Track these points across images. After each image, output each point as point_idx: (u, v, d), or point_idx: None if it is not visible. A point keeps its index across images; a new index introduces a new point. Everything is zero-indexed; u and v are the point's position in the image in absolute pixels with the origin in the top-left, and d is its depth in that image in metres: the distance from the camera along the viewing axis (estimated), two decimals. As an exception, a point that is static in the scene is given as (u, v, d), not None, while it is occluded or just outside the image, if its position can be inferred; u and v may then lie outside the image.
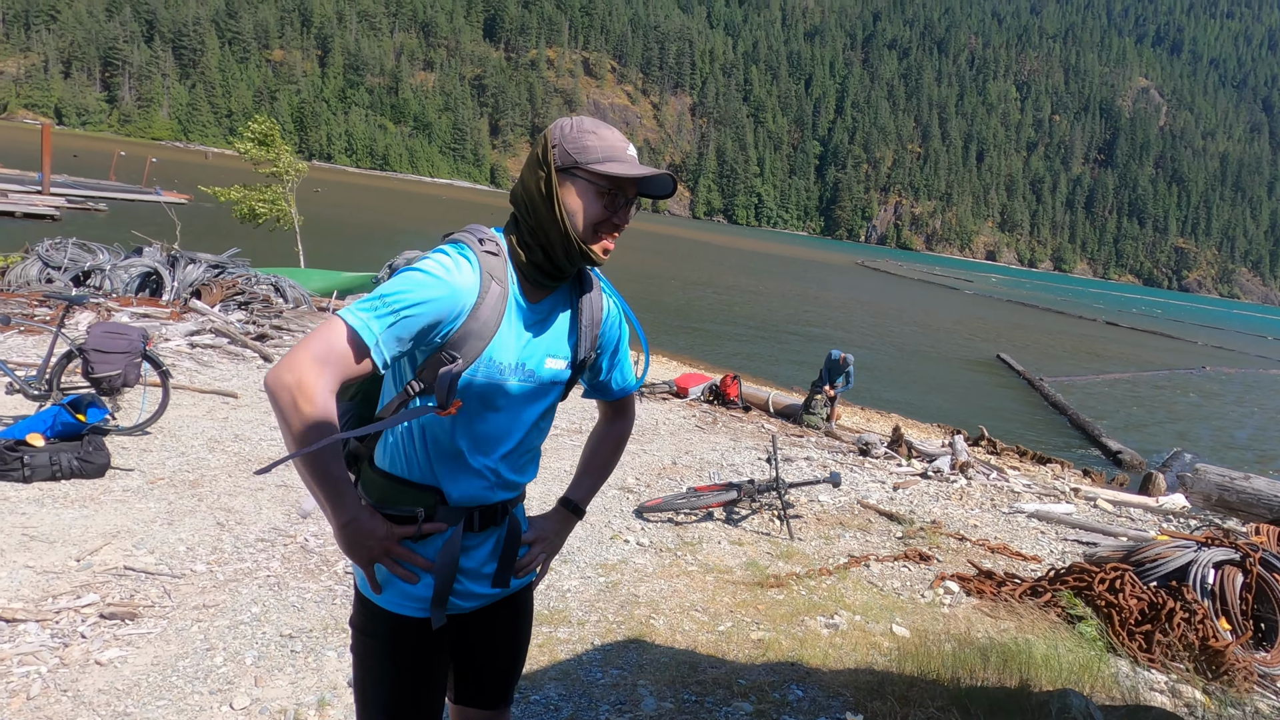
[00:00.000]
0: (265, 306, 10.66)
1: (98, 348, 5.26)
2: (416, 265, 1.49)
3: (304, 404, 1.39)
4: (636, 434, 8.95)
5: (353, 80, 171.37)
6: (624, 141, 1.58)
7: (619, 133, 1.60)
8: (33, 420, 4.93)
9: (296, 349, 1.42)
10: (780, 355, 21.54)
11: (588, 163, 1.54)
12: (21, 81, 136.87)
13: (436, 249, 1.54)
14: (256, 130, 20.05)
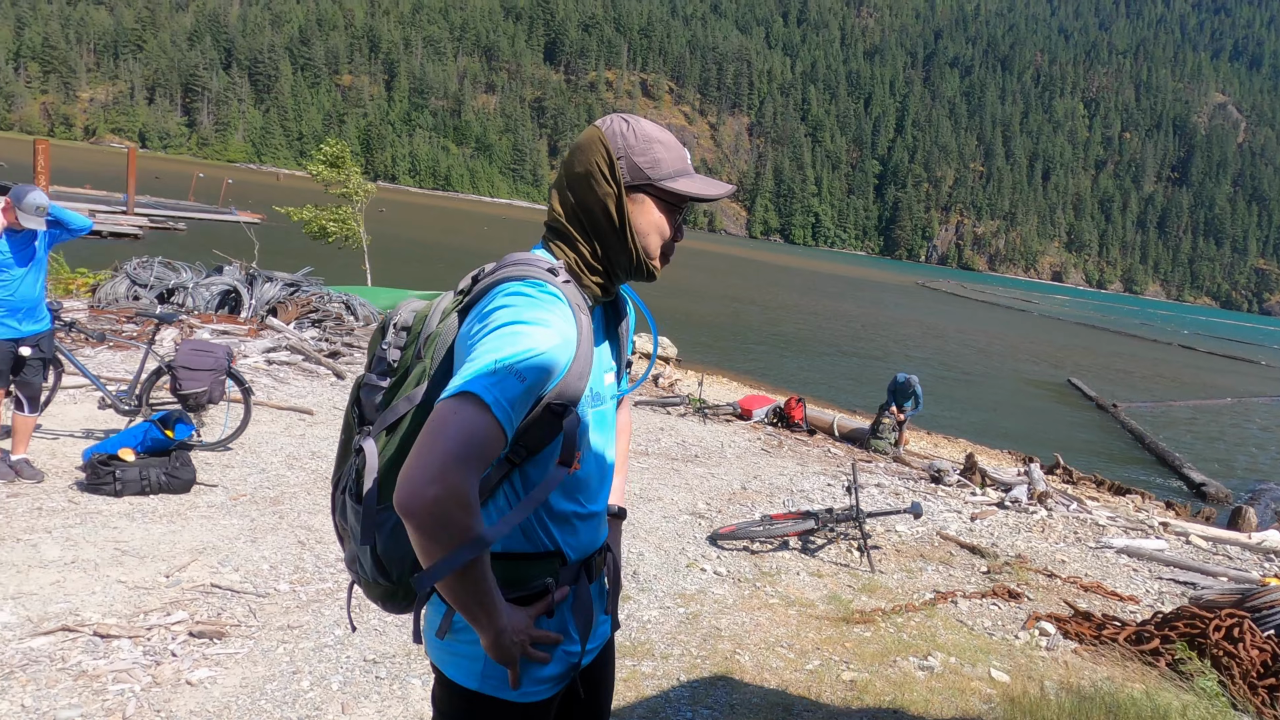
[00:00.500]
0: (337, 324, 10.88)
1: (186, 365, 5.39)
2: (517, 318, 1.24)
3: (461, 514, 1.12)
4: (704, 456, 8.82)
5: (417, 103, 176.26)
6: (682, 147, 1.46)
7: (671, 134, 1.47)
8: (124, 435, 5.06)
9: (429, 452, 1.11)
10: (840, 377, 21.16)
11: (661, 179, 1.41)
12: (109, 107, 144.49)
13: (508, 292, 1.29)
14: (328, 153, 20.65)
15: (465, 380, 1.15)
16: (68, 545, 4.08)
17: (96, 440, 5.73)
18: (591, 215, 1.40)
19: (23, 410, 4.80)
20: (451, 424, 1.12)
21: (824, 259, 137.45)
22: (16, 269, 4.61)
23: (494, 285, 1.32)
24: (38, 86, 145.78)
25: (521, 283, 1.30)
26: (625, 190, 1.39)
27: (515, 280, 1.31)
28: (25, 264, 4.65)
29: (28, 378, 4.76)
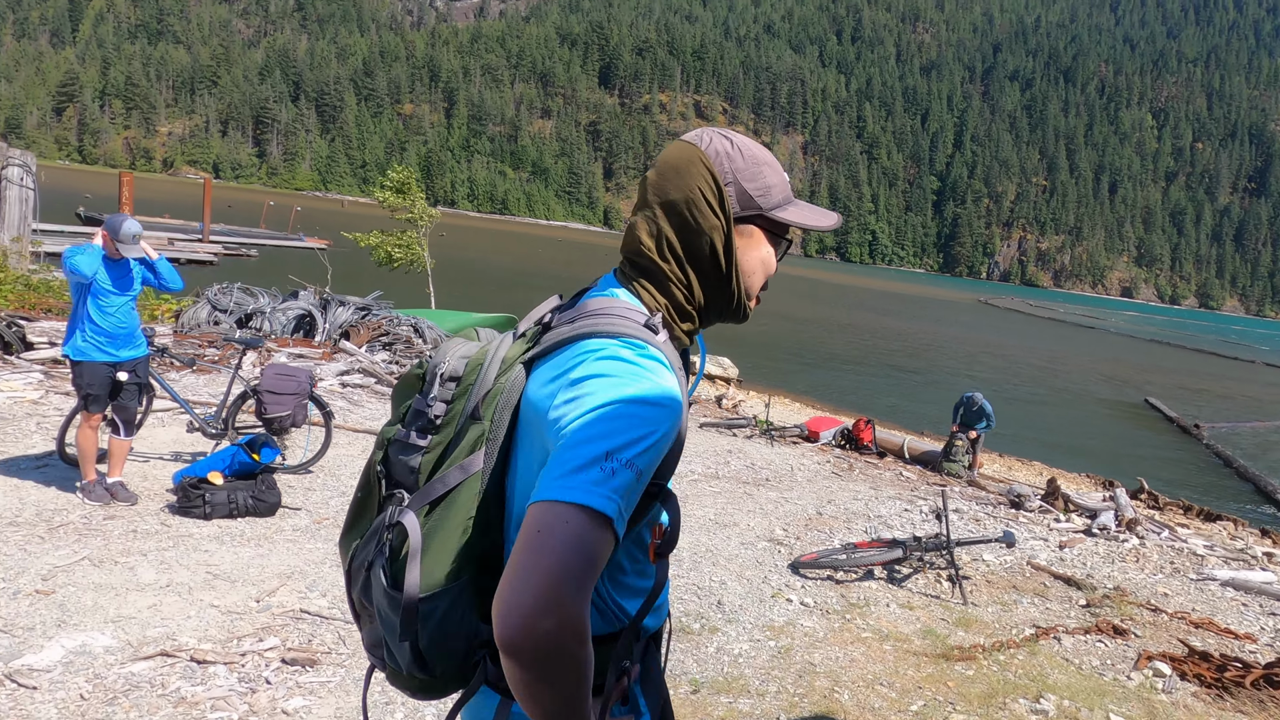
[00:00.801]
0: (407, 347, 11.04)
1: (271, 389, 5.48)
2: (622, 394, 1.00)
3: (578, 649, 0.94)
4: (775, 480, 8.64)
5: (475, 130, 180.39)
6: (784, 172, 1.27)
7: (773, 154, 1.26)
8: (213, 459, 5.15)
9: (538, 574, 0.90)
10: (902, 397, 20.66)
11: (773, 208, 1.20)
12: (186, 140, 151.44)
13: (603, 355, 1.05)
14: (394, 179, 21.16)
15: (572, 480, 0.93)
16: (162, 568, 4.14)
17: (185, 463, 5.86)
18: (692, 251, 1.17)
19: (119, 434, 4.93)
20: (562, 538, 0.91)
21: (882, 277, 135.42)
22: (115, 297, 4.75)
23: (579, 341, 1.08)
24: (121, 122, 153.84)
25: (618, 342, 1.06)
26: (734, 222, 1.18)
27: (609, 339, 1.07)
28: (123, 292, 4.79)
29: (124, 402, 4.89)
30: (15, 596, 3.67)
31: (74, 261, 4.58)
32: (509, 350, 1.15)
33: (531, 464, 1.07)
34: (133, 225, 4.74)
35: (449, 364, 1.17)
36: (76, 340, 4.69)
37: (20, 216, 13.73)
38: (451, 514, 1.09)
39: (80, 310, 4.71)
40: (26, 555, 4.09)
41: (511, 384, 1.11)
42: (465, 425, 1.12)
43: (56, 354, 7.96)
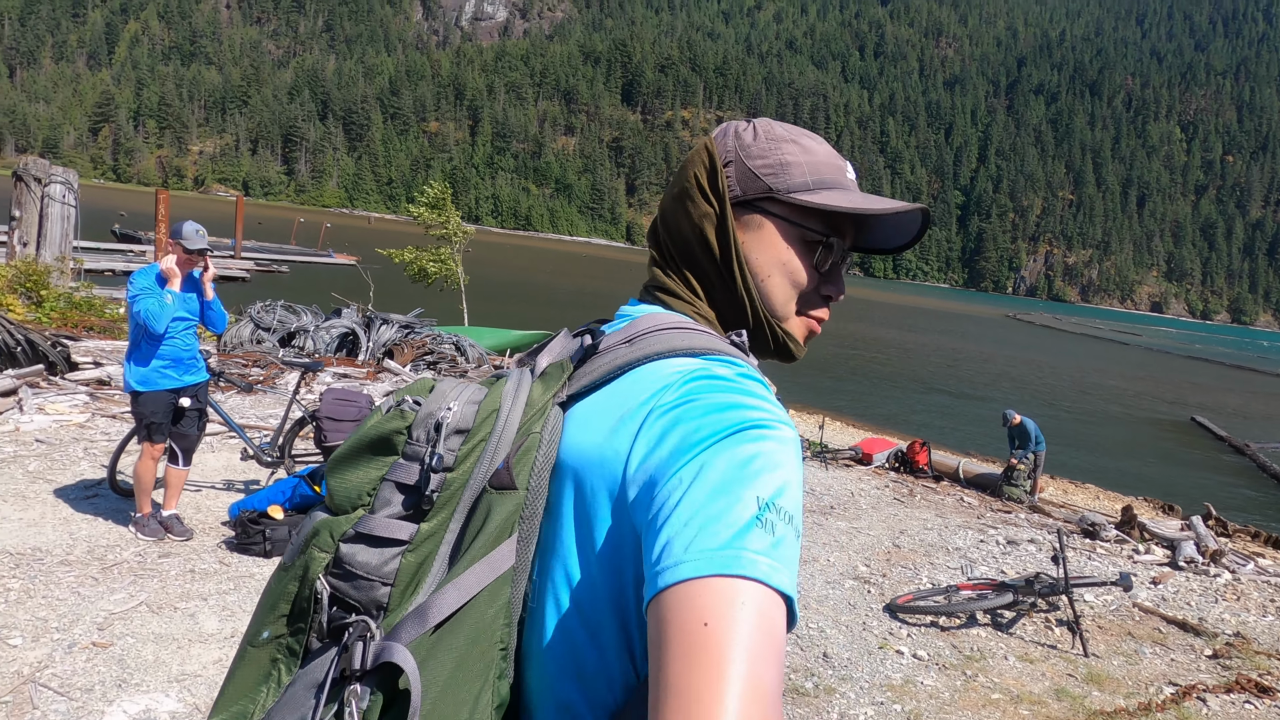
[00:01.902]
0: (451, 366, 10.74)
1: (331, 415, 5.15)
2: (771, 435, 0.69)
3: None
4: (839, 508, 8.21)
5: (500, 147, 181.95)
6: (839, 157, 0.91)
7: (823, 140, 0.92)
8: (272, 491, 4.82)
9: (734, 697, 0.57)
10: (939, 415, 20.07)
11: (790, 190, 0.87)
12: (217, 159, 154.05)
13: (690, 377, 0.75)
14: (430, 195, 21.08)
15: (729, 547, 0.62)
16: (225, 616, 3.80)
17: (239, 493, 5.54)
18: (688, 253, 0.90)
19: (177, 463, 4.62)
20: (749, 633, 0.59)
21: (905, 291, 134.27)
22: (184, 319, 4.47)
23: (650, 363, 0.79)
24: (154, 142, 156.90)
25: (712, 360, 0.78)
26: (733, 208, 0.88)
27: (694, 356, 0.79)
28: (191, 314, 4.51)
29: (184, 430, 4.59)
30: (71, 650, 3.34)
31: (143, 299, 4.33)
32: (530, 391, 0.81)
33: (584, 547, 0.73)
34: (192, 224, 4.64)
35: (454, 412, 0.79)
36: (137, 371, 4.41)
37: (62, 234, 13.65)
38: (466, 640, 0.70)
39: (140, 340, 4.43)
40: (80, 600, 3.76)
41: (549, 434, 0.77)
42: (480, 501, 0.75)
43: (101, 374, 7.74)
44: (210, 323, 4.64)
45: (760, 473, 0.66)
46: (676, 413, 0.71)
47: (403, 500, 0.77)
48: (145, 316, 4.31)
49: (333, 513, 0.79)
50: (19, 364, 7.36)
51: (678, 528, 0.63)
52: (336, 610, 0.76)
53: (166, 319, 4.37)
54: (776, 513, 0.65)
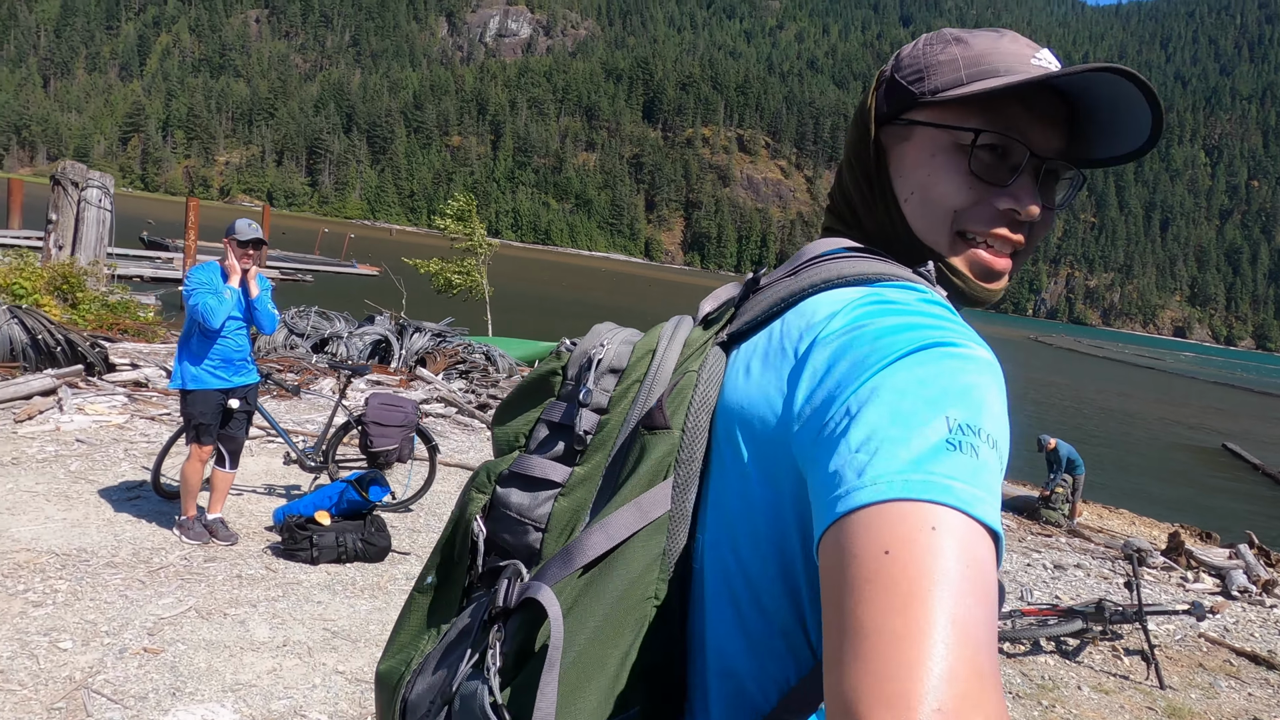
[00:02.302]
0: (483, 376, 10.65)
1: (377, 420, 5.05)
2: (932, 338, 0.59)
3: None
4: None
5: (521, 161, 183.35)
6: (1028, 44, 0.75)
7: (1023, 39, 0.76)
8: (318, 496, 4.71)
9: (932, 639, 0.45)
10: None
11: (937, 89, 0.74)
12: (243, 170, 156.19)
13: (862, 302, 0.65)
14: (456, 208, 21.18)
15: (914, 469, 0.51)
16: (276, 624, 3.68)
17: (280, 497, 5.44)
18: (844, 184, 0.82)
19: (224, 466, 4.52)
20: (949, 563, 0.48)
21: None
22: (236, 319, 4.39)
23: (817, 294, 0.69)
24: (182, 152, 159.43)
25: (886, 285, 0.68)
26: (878, 126, 0.78)
27: (868, 285, 0.68)
28: (242, 314, 4.43)
29: (232, 432, 4.49)
30: (123, 655, 3.22)
31: (200, 294, 4.27)
32: (688, 332, 0.75)
33: (746, 497, 0.64)
34: (244, 219, 4.61)
35: (608, 350, 0.75)
36: (187, 369, 4.33)
37: (97, 238, 13.75)
38: (616, 589, 0.63)
39: (192, 336, 4.36)
40: (129, 603, 3.66)
41: (708, 373, 0.69)
42: (633, 442, 0.69)
43: (139, 376, 7.69)
44: (258, 323, 4.55)
45: (951, 391, 0.55)
46: (845, 338, 0.61)
47: (557, 441, 0.73)
48: (202, 311, 4.24)
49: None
50: (58, 364, 7.33)
51: (847, 455, 0.53)
52: (493, 556, 0.73)
53: (223, 315, 4.29)
54: (975, 434, 0.53)
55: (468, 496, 0.76)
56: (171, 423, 6.75)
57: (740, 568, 0.64)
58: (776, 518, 0.62)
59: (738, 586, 0.64)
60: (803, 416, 0.59)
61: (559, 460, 0.72)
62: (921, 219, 0.75)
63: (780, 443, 0.62)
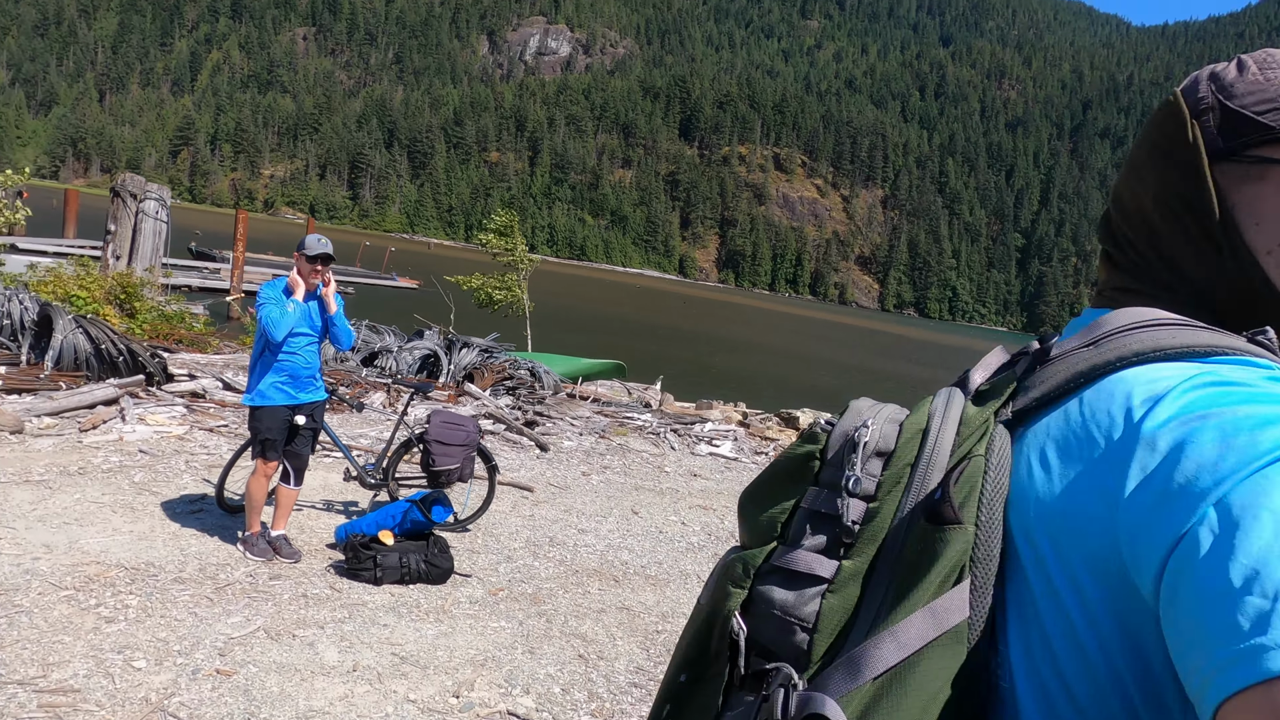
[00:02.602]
0: (530, 392, 10.61)
1: (440, 439, 5.00)
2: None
3: None
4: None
5: (558, 177, 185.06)
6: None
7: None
8: (380, 515, 4.67)
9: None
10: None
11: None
12: (287, 183, 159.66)
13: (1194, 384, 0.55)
14: (499, 223, 21.35)
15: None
16: (344, 647, 3.61)
17: (339, 514, 5.42)
18: (1149, 230, 0.71)
19: (288, 482, 4.50)
20: None
21: (963, 334, 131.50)
22: (306, 335, 4.38)
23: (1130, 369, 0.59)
24: (229, 165, 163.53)
25: (1221, 362, 0.58)
26: (1211, 161, 0.67)
27: (1195, 361, 0.59)
28: (313, 329, 4.42)
29: (298, 449, 4.47)
30: (195, 676, 3.18)
31: (266, 308, 4.27)
32: (962, 408, 0.66)
33: (1059, 605, 0.56)
34: (314, 235, 4.61)
35: (873, 430, 0.66)
36: (256, 384, 4.33)
37: (153, 249, 14.03)
38: (911, 706, 0.56)
39: (262, 351, 4.36)
40: (198, 621, 3.62)
41: (996, 458, 0.61)
42: (910, 536, 0.61)
43: (197, 387, 7.77)
44: (334, 339, 4.54)
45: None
46: (1183, 431, 0.52)
47: (820, 532, 0.66)
48: (266, 323, 4.24)
49: (747, 550, 0.71)
50: (120, 373, 7.43)
51: (1230, 595, 0.44)
52: (754, 656, 0.66)
53: (286, 328, 4.28)
54: None
55: (723, 590, 0.69)
56: (230, 435, 6.79)
57: (1064, 690, 0.56)
58: (1105, 635, 0.54)
59: (1063, 713, 0.56)
60: (1134, 525, 0.51)
61: (824, 553, 0.65)
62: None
63: (1101, 552, 0.53)
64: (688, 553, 5.94)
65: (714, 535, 6.60)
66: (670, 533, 6.43)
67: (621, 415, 11.37)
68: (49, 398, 6.52)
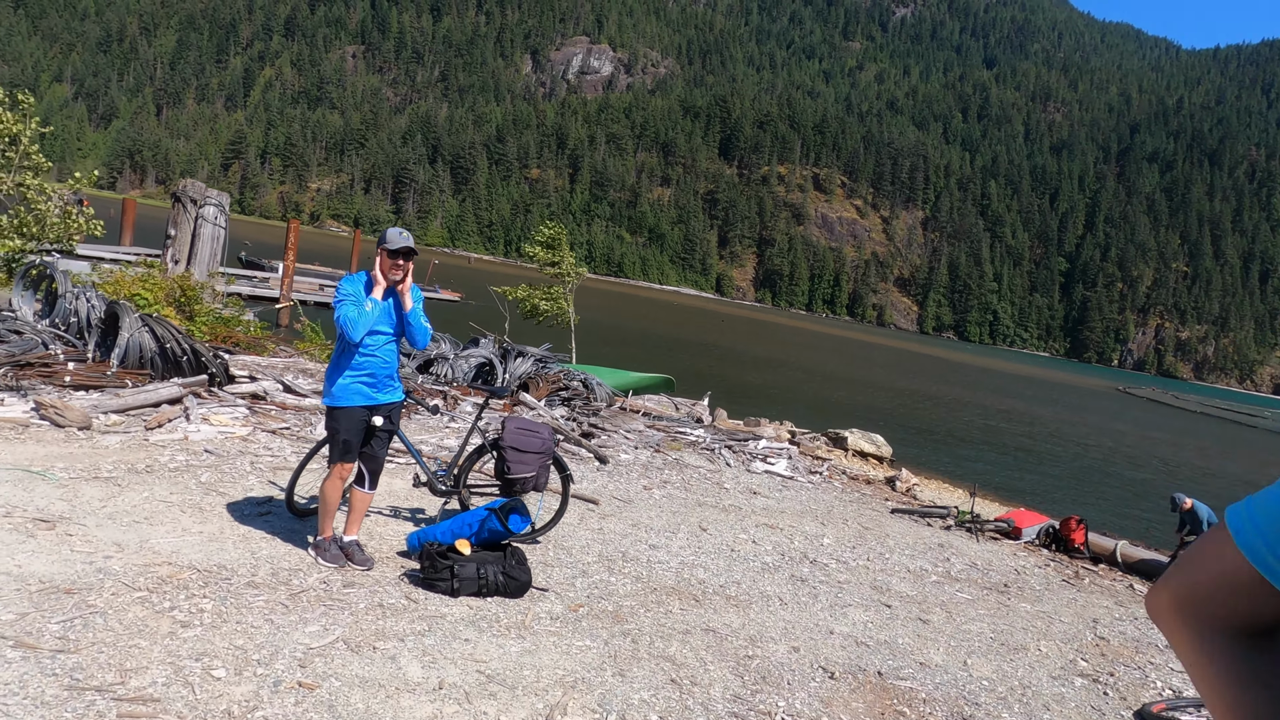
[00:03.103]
0: (585, 404, 10.41)
1: (515, 445, 4.79)
2: None
3: None
4: (1014, 588, 7.36)
5: (597, 195, 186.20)
6: None
7: None
8: (456, 524, 4.46)
9: None
10: (1072, 489, 18.54)
11: None
12: (332, 196, 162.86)
13: None
14: (546, 235, 21.38)
15: None
16: (427, 663, 3.40)
17: (405, 520, 5.23)
18: None
19: (363, 486, 4.32)
20: None
21: (1003, 358, 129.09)
22: (385, 332, 4.21)
23: None
24: (278, 178, 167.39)
25: None
26: None
27: None
28: (392, 327, 4.25)
29: (375, 451, 4.29)
30: (277, 689, 2.98)
31: (344, 305, 4.11)
32: None
33: None
34: (395, 228, 4.40)
35: None
36: (336, 384, 4.16)
37: (211, 254, 14.16)
38: None
39: (341, 350, 4.19)
40: (275, 629, 3.43)
41: None
42: None
43: (257, 389, 7.69)
44: (410, 337, 4.36)
45: None
46: None
47: None
48: (342, 322, 4.07)
49: None
50: (184, 373, 7.38)
51: None
52: None
53: (364, 327, 4.11)
54: None
55: None
56: (292, 437, 6.67)
57: None
58: None
59: None
60: None
61: None
62: None
63: None
64: (764, 573, 5.66)
65: (787, 556, 6.31)
66: (742, 551, 6.15)
67: (674, 430, 11.14)
68: (115, 395, 6.46)
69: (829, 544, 7.27)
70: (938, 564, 7.75)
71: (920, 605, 5.79)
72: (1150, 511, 17.18)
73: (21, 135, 11.13)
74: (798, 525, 7.71)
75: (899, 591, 6.15)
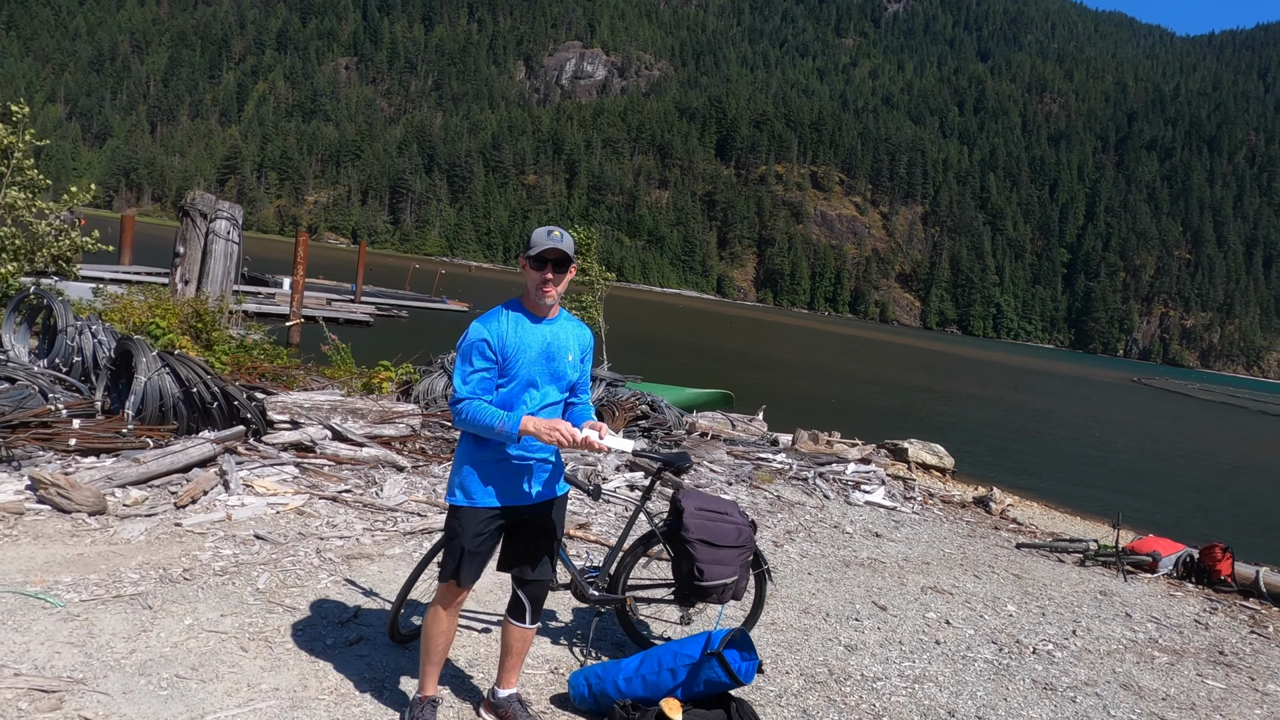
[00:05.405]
0: (666, 434, 9.02)
1: (706, 539, 3.38)
2: None
3: None
4: (1233, 659, 5.99)
5: (595, 199, 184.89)
6: None
7: None
8: (650, 666, 3.05)
9: None
10: (1160, 501, 17.11)
11: None
12: (330, 208, 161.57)
13: None
14: (574, 241, 20.02)
15: None
16: None
17: (545, 639, 3.82)
18: None
19: (521, 619, 2.92)
20: None
21: (1008, 351, 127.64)
22: (536, 390, 2.81)
23: None
24: (274, 192, 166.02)
25: None
26: None
27: None
28: (550, 380, 2.84)
29: (534, 566, 2.88)
30: None
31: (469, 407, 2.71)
32: None
33: None
34: (544, 229, 2.93)
35: None
36: (461, 474, 2.77)
37: (224, 272, 12.78)
38: None
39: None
40: None
41: None
42: None
43: (302, 437, 6.29)
44: (576, 386, 2.99)
45: None
46: None
47: None
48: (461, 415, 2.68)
49: None
50: (214, 423, 5.98)
51: None
52: None
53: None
54: None
55: None
56: (357, 505, 5.28)
57: None
58: None
59: None
60: None
61: None
62: None
63: None
64: (1000, 679, 4.28)
65: (997, 644, 4.92)
66: (948, 642, 4.77)
67: (754, 456, 9.77)
68: (134, 460, 5.07)
69: (1014, 613, 5.88)
70: (1132, 627, 6.35)
71: (1189, 711, 4.40)
72: (1244, 519, 15.78)
73: (14, 148, 9.79)
74: (958, 584, 6.35)
75: (1151, 689, 4.76)
